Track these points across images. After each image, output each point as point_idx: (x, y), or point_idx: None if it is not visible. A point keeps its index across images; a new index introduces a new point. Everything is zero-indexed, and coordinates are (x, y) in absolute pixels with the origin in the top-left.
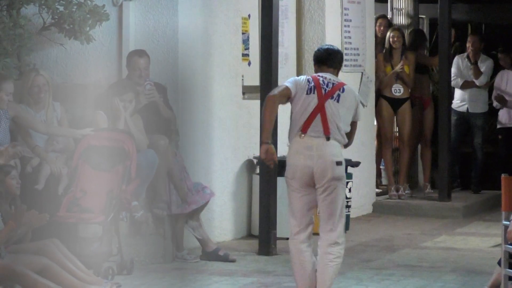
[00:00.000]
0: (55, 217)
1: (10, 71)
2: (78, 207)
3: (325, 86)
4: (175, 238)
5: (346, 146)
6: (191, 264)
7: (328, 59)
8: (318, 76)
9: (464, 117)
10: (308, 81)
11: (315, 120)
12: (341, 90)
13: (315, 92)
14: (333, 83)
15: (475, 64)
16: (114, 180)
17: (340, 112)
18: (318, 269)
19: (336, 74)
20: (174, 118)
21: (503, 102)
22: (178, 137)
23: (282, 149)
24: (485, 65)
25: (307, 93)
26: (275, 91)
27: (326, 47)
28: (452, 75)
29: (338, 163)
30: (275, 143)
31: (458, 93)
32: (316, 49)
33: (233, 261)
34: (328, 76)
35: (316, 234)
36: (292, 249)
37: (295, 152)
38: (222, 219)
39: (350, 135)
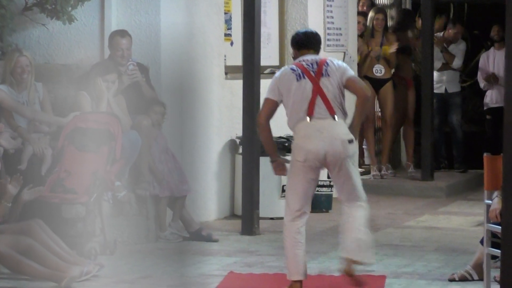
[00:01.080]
0: (39, 197)
1: None
2: (62, 187)
3: (311, 68)
4: (158, 218)
5: (364, 102)
6: (174, 244)
7: (307, 41)
8: (301, 61)
9: (443, 98)
10: (293, 69)
11: (317, 102)
12: (326, 64)
13: (305, 76)
14: (316, 62)
15: (445, 51)
16: (99, 161)
17: (334, 85)
18: (348, 236)
19: (317, 55)
20: (156, 98)
21: (494, 80)
22: (163, 119)
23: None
24: (458, 48)
25: (297, 80)
26: (261, 112)
27: (304, 30)
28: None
29: (350, 141)
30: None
31: (434, 74)
32: (293, 34)
33: (216, 241)
34: (309, 57)
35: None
36: (287, 234)
37: (306, 136)
38: (205, 199)
39: (356, 90)
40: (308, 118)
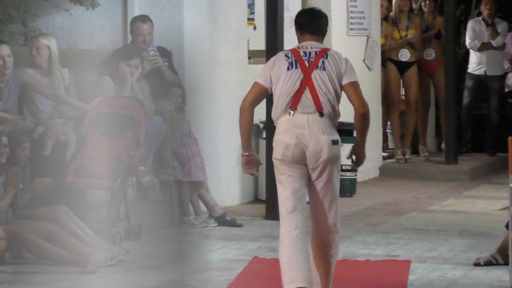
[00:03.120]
0: (63, 183)
1: (15, 37)
2: (86, 172)
3: (307, 57)
4: (181, 203)
5: (363, 115)
6: (198, 229)
7: (311, 25)
8: (298, 48)
9: (481, 80)
10: (287, 56)
11: (304, 95)
12: (325, 56)
13: (298, 66)
14: (315, 52)
15: (492, 25)
16: (123, 146)
17: (328, 81)
18: (315, 263)
19: (321, 41)
20: (179, 83)
21: None
22: (185, 102)
23: None
24: (500, 27)
25: (288, 69)
26: (246, 95)
27: (310, 11)
28: (468, 38)
29: (334, 142)
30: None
31: (474, 56)
32: (297, 13)
33: (240, 225)
34: (309, 44)
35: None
36: (283, 240)
37: (285, 131)
38: (229, 184)
39: (353, 100)
40: (290, 112)
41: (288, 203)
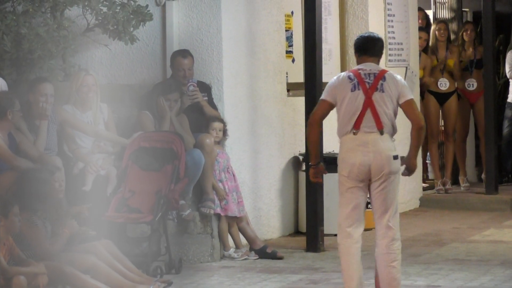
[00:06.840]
0: (104, 217)
1: (55, 72)
2: (126, 207)
3: (367, 80)
4: (221, 237)
5: (420, 128)
6: (239, 262)
7: (369, 48)
8: (359, 70)
9: None
10: (350, 78)
11: (366, 115)
12: (383, 79)
13: (360, 88)
14: (374, 74)
15: None
16: (162, 180)
17: (387, 101)
18: (381, 271)
19: (377, 62)
20: (219, 117)
21: None
22: (226, 136)
23: (328, 146)
24: None
25: (351, 90)
26: (315, 111)
27: (367, 35)
28: (508, 68)
29: (395, 158)
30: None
31: None
32: (356, 37)
33: (281, 258)
34: (368, 67)
35: (368, 230)
36: (342, 248)
37: (350, 150)
38: (269, 216)
39: (410, 116)
40: (354, 131)
41: (348, 218)
